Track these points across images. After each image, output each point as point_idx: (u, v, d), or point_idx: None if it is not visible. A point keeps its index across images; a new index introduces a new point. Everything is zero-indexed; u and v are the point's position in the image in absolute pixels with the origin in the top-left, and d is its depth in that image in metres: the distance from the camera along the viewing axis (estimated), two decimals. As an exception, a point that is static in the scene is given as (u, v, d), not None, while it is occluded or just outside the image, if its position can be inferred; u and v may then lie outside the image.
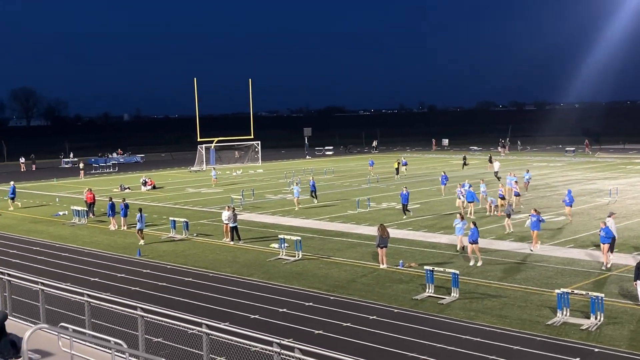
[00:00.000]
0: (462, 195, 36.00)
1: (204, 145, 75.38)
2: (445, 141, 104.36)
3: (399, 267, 24.73)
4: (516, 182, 38.89)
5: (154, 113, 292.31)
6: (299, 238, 27.57)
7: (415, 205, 37.99)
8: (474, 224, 25.08)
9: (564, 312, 18.39)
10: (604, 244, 23.90)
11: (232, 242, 30.26)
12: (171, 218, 33.89)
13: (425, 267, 21.85)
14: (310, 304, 20.61)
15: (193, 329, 12.74)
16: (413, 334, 17.50)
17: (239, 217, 32.63)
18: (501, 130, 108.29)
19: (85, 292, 15.10)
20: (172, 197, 48.06)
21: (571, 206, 33.36)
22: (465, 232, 26.13)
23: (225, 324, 15.90)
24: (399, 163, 59.89)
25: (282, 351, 11.08)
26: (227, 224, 30.78)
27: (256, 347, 11.75)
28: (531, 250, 26.71)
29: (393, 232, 29.52)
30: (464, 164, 65.39)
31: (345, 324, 18.51)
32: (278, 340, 11.25)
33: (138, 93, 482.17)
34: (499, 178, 49.59)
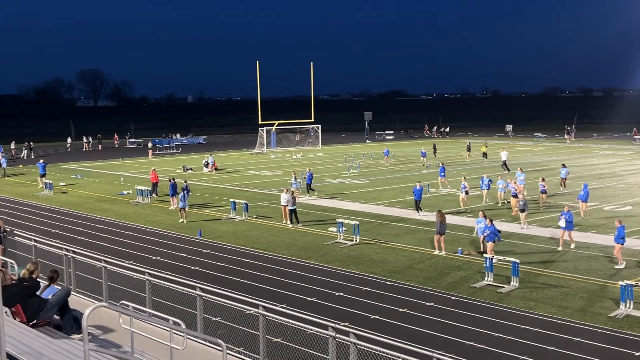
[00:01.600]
0: (466, 191, 33.61)
1: (265, 128, 75.94)
2: (509, 127, 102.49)
3: (457, 254, 24.46)
4: (543, 179, 35.20)
5: (217, 95, 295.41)
6: (357, 222, 27.54)
7: (476, 192, 37.42)
8: (491, 221, 23.63)
9: (628, 305, 17.89)
10: (617, 244, 22.60)
11: (290, 225, 30.45)
12: (232, 199, 34.33)
13: (485, 255, 21.56)
14: (367, 288, 20.59)
15: (250, 310, 12.87)
16: (471, 323, 17.30)
17: (298, 200, 32.79)
18: (567, 117, 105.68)
19: (146, 270, 15.43)
20: (233, 179, 48.63)
21: (586, 201, 30.65)
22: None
23: (282, 305, 16.04)
24: (486, 146, 60.48)
25: (337, 335, 11.11)
26: (285, 206, 30.98)
27: (312, 330, 11.80)
28: (559, 250, 24.89)
29: (452, 219, 29.24)
30: (434, 152, 63.15)
31: (401, 310, 18.44)
32: (334, 324, 11.28)
33: (202, 75, 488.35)
34: (508, 169, 48.34)
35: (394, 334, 15.34)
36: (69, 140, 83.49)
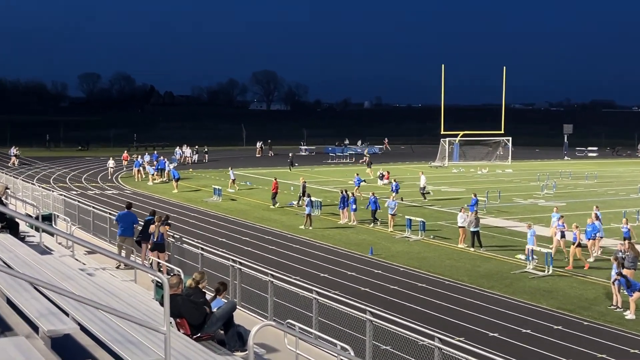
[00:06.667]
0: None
1: (447, 139, 75.35)
2: None
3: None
4: (577, 226, 28.49)
5: (396, 101, 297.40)
6: (550, 251, 26.54)
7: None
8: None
9: None
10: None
11: (472, 249, 29.94)
12: (407, 217, 34.29)
13: None
14: (560, 327, 19.76)
15: (424, 341, 12.77)
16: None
17: (481, 221, 32.17)
18: None
19: (314, 288, 15.80)
20: (409, 194, 48.49)
21: (594, 239, 27.54)
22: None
23: (460, 339, 15.78)
24: None
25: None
26: (462, 227, 30.52)
27: (493, 370, 11.51)
28: None
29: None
30: (291, 165, 63.43)
31: (600, 355, 17.50)
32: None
33: (380, 80, 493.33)
34: (426, 194, 45.77)
35: (590, 383, 14.59)
36: (258, 145, 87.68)
